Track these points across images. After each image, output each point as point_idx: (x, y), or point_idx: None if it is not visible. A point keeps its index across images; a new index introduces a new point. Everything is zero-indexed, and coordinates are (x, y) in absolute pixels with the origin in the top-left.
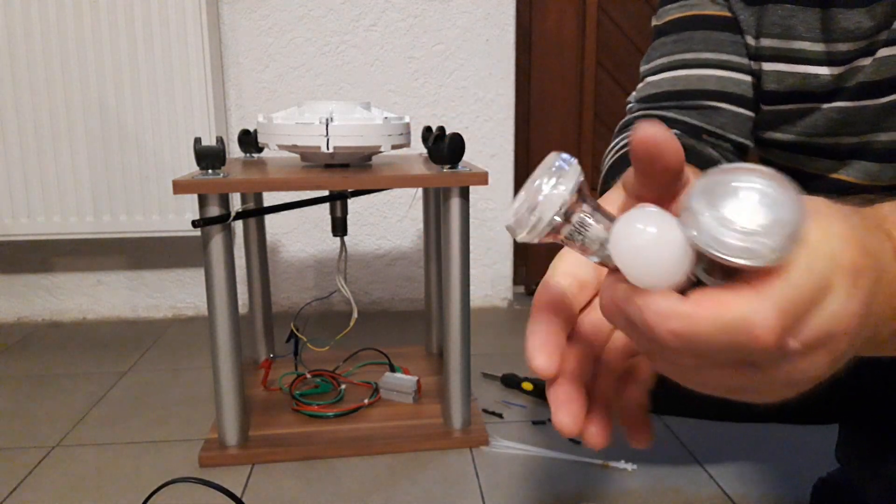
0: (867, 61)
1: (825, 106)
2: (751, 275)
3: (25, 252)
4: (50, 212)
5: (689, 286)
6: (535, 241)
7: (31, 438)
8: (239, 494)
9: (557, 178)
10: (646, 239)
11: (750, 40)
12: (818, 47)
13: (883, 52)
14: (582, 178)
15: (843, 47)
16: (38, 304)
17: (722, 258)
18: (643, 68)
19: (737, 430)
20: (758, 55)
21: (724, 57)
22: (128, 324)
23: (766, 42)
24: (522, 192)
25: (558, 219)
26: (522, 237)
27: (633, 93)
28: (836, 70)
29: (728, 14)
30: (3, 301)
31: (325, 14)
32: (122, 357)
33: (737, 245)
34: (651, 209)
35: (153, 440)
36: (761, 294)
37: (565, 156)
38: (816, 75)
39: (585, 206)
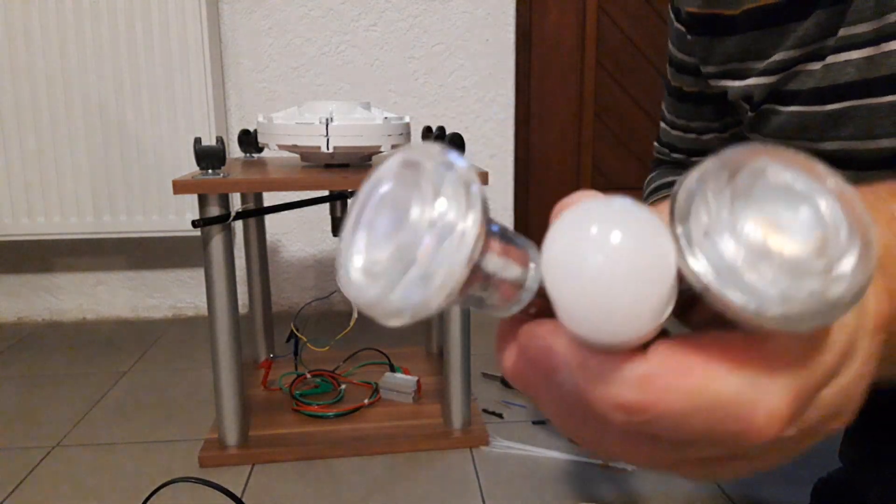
0: (816, 66)
1: (786, 109)
2: (762, 337)
3: (25, 252)
4: (50, 212)
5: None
6: (422, 318)
7: (31, 438)
8: (239, 494)
9: (452, 202)
10: (606, 254)
11: (703, 68)
12: (758, 65)
13: (830, 59)
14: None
15: (779, 56)
16: (38, 304)
17: (754, 316)
18: (663, 107)
19: None
20: (707, 75)
21: (694, 124)
22: (128, 324)
23: (710, 69)
24: (362, 233)
25: (465, 274)
26: (405, 320)
27: (661, 130)
28: (771, 78)
29: (695, 89)
30: (3, 301)
31: (325, 14)
32: (122, 357)
33: (770, 293)
34: (611, 202)
35: (153, 440)
36: (776, 370)
37: (434, 150)
38: (757, 85)
39: (495, 243)
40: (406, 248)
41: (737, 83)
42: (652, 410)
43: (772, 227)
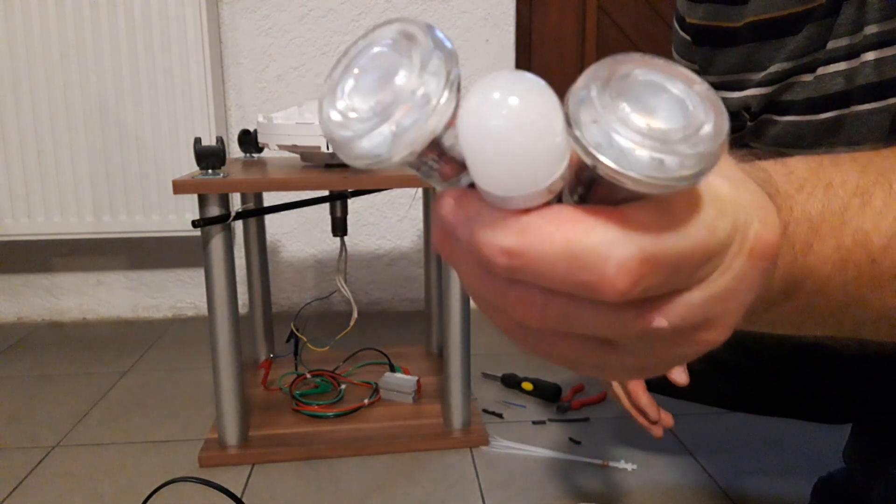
0: (809, 77)
1: (781, 119)
2: (634, 208)
3: (25, 252)
4: (50, 212)
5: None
6: (378, 167)
7: (31, 438)
8: (239, 494)
9: (433, 73)
10: (504, 114)
11: (703, 77)
12: (755, 76)
13: (820, 71)
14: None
15: (775, 68)
16: (38, 304)
17: (615, 170)
18: None
19: (737, 431)
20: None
21: None
22: (128, 324)
23: (710, 79)
24: (350, 81)
25: (428, 140)
26: (366, 164)
27: None
28: (767, 89)
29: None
30: (3, 301)
31: (325, 14)
32: (122, 357)
33: (644, 157)
34: (521, 73)
35: (153, 440)
36: (633, 230)
37: (423, 26)
38: (753, 96)
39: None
40: (386, 106)
41: (735, 94)
42: (527, 255)
43: (643, 110)
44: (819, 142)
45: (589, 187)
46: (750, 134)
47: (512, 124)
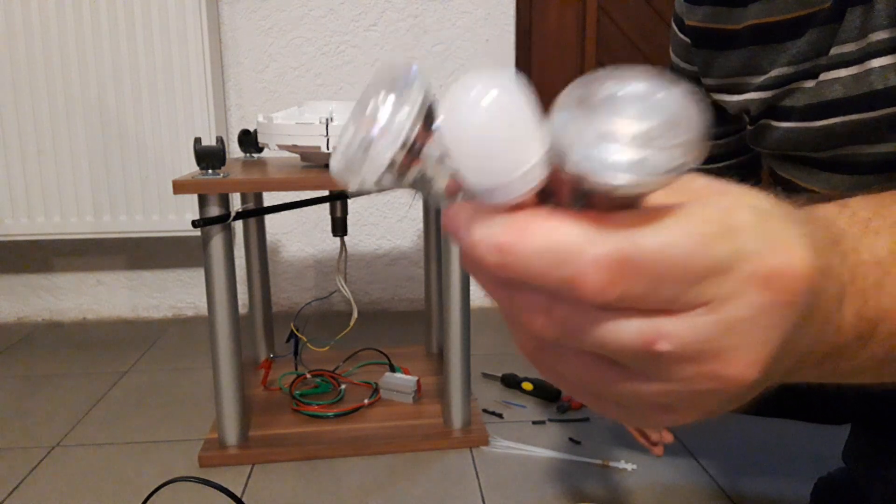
0: (811, 83)
1: (781, 125)
2: (620, 212)
3: (25, 252)
4: (50, 212)
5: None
6: (374, 189)
7: (31, 438)
8: (239, 494)
9: (397, 98)
10: (475, 103)
11: (703, 80)
12: (756, 80)
13: (822, 77)
14: (432, 96)
15: (775, 72)
16: (38, 304)
17: (599, 179)
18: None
19: (737, 431)
20: (707, 88)
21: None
22: (128, 324)
23: (710, 82)
24: (350, 124)
25: (402, 155)
26: (356, 185)
27: None
28: (767, 94)
29: (690, 67)
30: (3, 301)
31: (325, 14)
32: (122, 357)
33: (623, 160)
34: (492, 71)
35: (153, 440)
36: (612, 229)
37: (403, 64)
38: (753, 100)
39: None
40: (363, 135)
41: (734, 98)
42: (513, 251)
43: (621, 116)
44: (818, 148)
45: (587, 199)
46: (750, 138)
47: (483, 111)
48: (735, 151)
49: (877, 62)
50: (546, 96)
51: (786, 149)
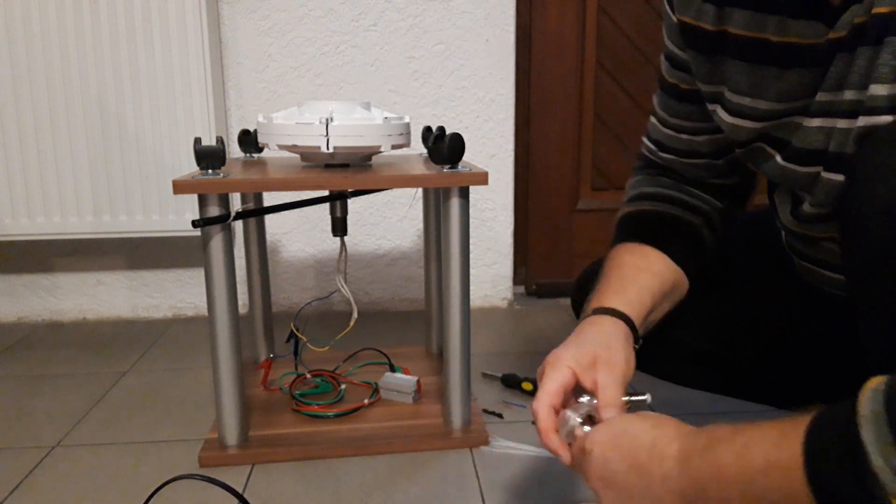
0: (801, 121)
1: (773, 158)
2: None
3: (25, 252)
4: (50, 212)
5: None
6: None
7: (31, 438)
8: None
9: (576, 412)
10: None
11: (699, 85)
12: (745, 101)
13: (805, 122)
14: (592, 407)
15: (763, 105)
16: (38, 304)
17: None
18: (655, 101)
19: None
20: (704, 96)
21: (687, 124)
22: (128, 324)
23: (705, 87)
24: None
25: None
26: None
27: (650, 124)
28: (757, 124)
29: (691, 87)
30: (3, 301)
31: (325, 14)
32: (122, 357)
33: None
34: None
35: (153, 440)
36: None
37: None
38: (741, 127)
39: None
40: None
41: (727, 118)
42: (595, 444)
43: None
44: (808, 188)
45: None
46: (744, 157)
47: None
48: (723, 150)
49: (841, 122)
50: (546, 96)
51: (779, 180)
